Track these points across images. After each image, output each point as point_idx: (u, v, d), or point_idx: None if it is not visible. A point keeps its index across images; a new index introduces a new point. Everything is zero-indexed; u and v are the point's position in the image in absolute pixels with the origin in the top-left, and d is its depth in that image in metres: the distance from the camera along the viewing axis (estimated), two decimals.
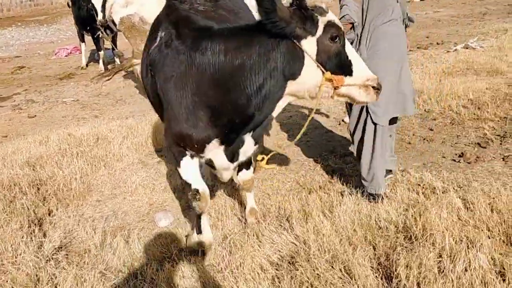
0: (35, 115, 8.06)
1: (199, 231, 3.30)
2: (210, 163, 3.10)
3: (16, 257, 3.34)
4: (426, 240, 3.03)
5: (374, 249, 3.11)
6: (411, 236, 3.15)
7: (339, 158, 4.74)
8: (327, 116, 6.13)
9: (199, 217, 3.25)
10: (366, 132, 3.70)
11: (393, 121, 3.80)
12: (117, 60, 11.31)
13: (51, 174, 4.75)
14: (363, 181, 3.81)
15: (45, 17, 22.99)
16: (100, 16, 9.46)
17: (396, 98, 3.60)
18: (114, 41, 10.88)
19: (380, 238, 3.18)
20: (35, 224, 3.87)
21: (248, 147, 3.03)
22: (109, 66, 11.49)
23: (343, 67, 2.58)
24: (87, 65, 12.21)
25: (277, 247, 3.27)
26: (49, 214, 4.09)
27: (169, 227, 3.79)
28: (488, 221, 3.15)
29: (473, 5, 15.01)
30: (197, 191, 3.03)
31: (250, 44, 2.54)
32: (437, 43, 10.01)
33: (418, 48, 9.51)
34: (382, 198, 3.68)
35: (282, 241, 3.30)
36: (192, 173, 3.04)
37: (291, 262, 3.11)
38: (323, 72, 2.52)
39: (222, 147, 2.91)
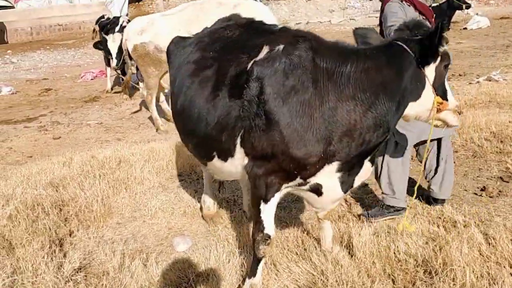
0: (60, 137, 8.25)
1: (254, 275, 3.11)
2: (315, 190, 2.92)
3: (36, 277, 3.39)
4: (447, 275, 2.99)
5: (393, 282, 3.08)
6: (430, 270, 3.11)
7: (358, 188, 4.69)
8: None
9: (259, 261, 3.07)
10: (387, 149, 3.80)
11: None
12: (141, 85, 11.53)
13: (73, 195, 4.83)
14: (383, 195, 3.90)
15: (73, 41, 23.63)
16: (114, 63, 9.84)
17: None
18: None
19: (400, 271, 3.14)
20: (56, 245, 3.93)
21: (365, 172, 2.99)
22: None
23: (443, 93, 2.77)
24: (112, 89, 12.47)
25: (294, 276, 3.25)
26: (70, 235, 4.15)
27: (187, 252, 3.80)
28: (510, 258, 3.09)
29: (496, 37, 14.94)
30: (269, 236, 2.94)
31: (390, 65, 2.67)
32: (459, 75, 9.96)
33: None
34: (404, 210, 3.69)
35: (299, 271, 3.28)
36: (271, 217, 2.95)
37: None
38: (434, 97, 2.70)
39: (339, 174, 2.82)
